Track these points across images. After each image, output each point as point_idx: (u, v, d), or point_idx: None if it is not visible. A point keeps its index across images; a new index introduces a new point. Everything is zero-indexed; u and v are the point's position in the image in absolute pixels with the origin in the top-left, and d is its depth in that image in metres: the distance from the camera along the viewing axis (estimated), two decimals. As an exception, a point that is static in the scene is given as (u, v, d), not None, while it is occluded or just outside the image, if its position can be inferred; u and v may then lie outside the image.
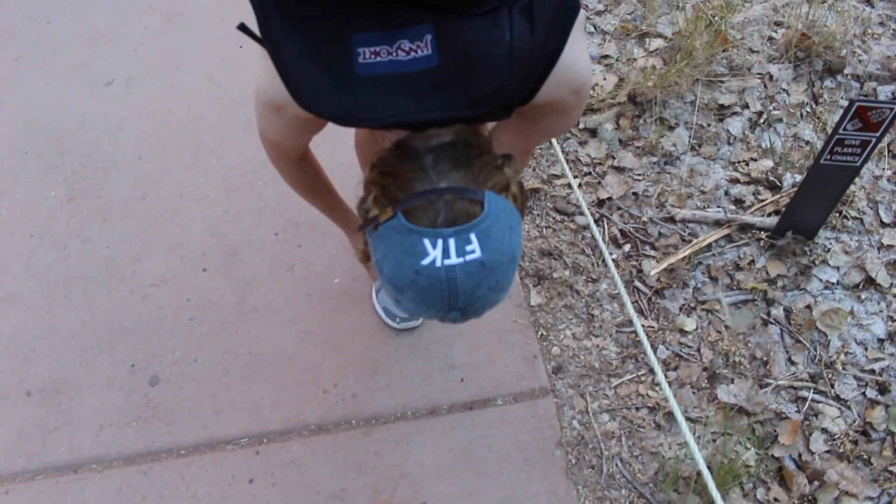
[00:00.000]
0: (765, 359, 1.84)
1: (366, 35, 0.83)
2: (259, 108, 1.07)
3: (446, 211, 0.86)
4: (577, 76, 1.00)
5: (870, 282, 1.95)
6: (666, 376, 1.82)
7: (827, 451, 1.70)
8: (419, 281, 0.86)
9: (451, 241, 0.85)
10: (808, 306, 1.91)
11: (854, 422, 1.74)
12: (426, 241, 0.85)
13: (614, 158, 2.22)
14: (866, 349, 1.84)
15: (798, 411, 1.76)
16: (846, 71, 2.37)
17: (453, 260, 0.85)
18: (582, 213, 2.10)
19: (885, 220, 2.06)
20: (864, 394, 1.78)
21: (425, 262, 0.85)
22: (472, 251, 0.85)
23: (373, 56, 0.83)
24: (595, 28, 2.55)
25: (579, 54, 0.99)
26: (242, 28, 0.92)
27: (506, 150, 1.01)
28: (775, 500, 1.64)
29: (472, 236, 0.85)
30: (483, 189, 0.89)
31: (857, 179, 2.11)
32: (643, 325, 1.90)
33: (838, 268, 1.97)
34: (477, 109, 0.86)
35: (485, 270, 0.87)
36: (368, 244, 0.96)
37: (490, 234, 0.86)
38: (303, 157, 1.31)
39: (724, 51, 2.42)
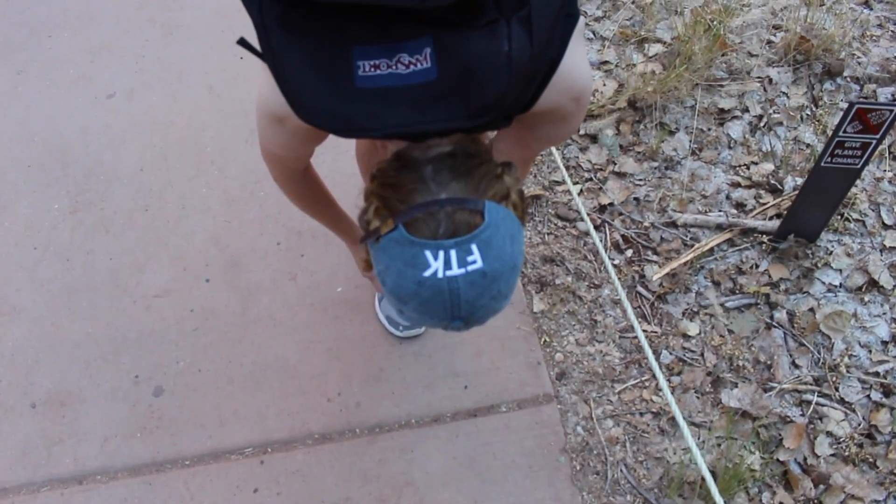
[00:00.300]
0: (768, 362, 1.84)
1: (366, 48, 0.84)
2: (260, 121, 1.07)
3: (447, 222, 0.87)
4: (576, 83, 1.00)
5: (873, 284, 1.94)
6: (669, 381, 1.82)
7: (832, 455, 1.70)
8: (422, 292, 0.87)
9: (453, 253, 0.85)
10: (811, 309, 1.91)
11: (859, 425, 1.74)
12: (428, 253, 0.86)
13: (615, 164, 2.22)
14: (870, 352, 1.84)
15: (802, 415, 1.76)
16: (846, 73, 2.38)
17: (455, 271, 0.85)
18: (583, 220, 2.10)
19: (888, 221, 2.06)
20: (868, 396, 1.77)
21: (427, 273, 0.86)
22: (474, 261, 0.86)
23: (373, 69, 0.84)
24: (594, 34, 2.56)
25: (579, 61, 1.00)
26: (242, 43, 0.93)
27: (506, 158, 1.01)
28: (781, 504, 1.64)
29: (474, 247, 0.86)
30: (483, 199, 0.89)
31: (858, 182, 2.11)
32: (646, 331, 1.90)
33: (841, 270, 1.97)
34: (476, 120, 0.86)
35: (487, 280, 0.87)
36: (370, 255, 0.97)
37: (491, 243, 0.87)
38: (304, 172, 1.31)
39: (723, 55, 2.42)
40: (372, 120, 0.86)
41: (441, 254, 0.85)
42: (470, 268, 0.85)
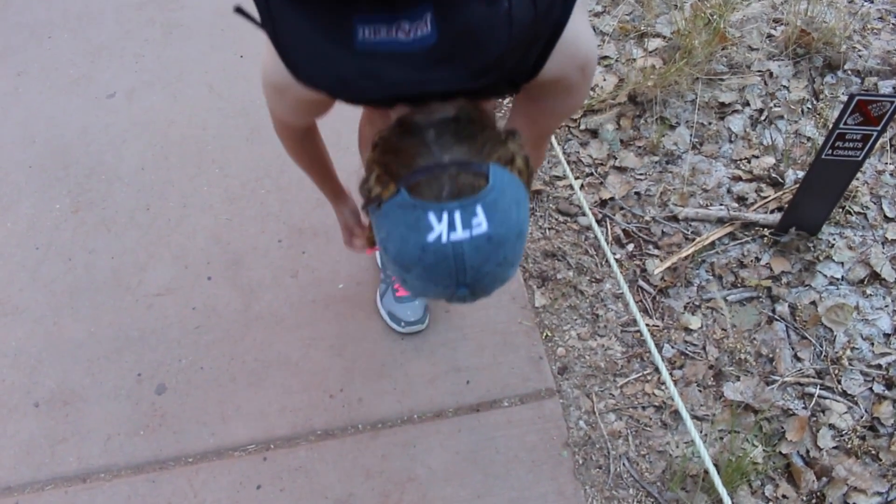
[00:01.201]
0: (771, 356, 1.84)
1: (367, 17, 0.83)
2: (265, 90, 1.08)
3: (451, 184, 0.84)
4: (581, 51, 0.99)
5: (875, 276, 1.94)
6: (672, 375, 1.82)
7: (835, 447, 1.69)
8: (425, 258, 0.84)
9: (457, 214, 0.83)
10: (814, 302, 1.91)
11: (861, 417, 1.73)
12: (431, 215, 0.83)
13: (616, 158, 2.22)
14: (872, 344, 1.84)
15: (805, 407, 1.75)
16: (846, 66, 2.37)
17: (459, 234, 0.83)
18: (584, 214, 2.10)
19: (889, 214, 2.05)
20: (871, 389, 1.77)
21: (431, 237, 0.83)
22: (479, 224, 0.83)
23: (373, 34, 0.83)
24: (594, 29, 2.55)
25: (583, 29, 0.99)
26: (239, 11, 0.92)
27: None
28: (784, 496, 1.63)
29: (479, 209, 0.83)
30: (488, 161, 0.87)
31: (859, 174, 2.11)
32: (648, 325, 1.90)
33: (843, 263, 1.97)
34: (478, 80, 0.85)
35: (492, 244, 0.85)
36: (372, 225, 0.94)
37: (496, 206, 0.84)
38: (305, 131, 1.32)
39: (723, 49, 2.42)
40: (371, 80, 0.84)
41: (445, 215, 0.83)
42: (475, 231, 0.83)
